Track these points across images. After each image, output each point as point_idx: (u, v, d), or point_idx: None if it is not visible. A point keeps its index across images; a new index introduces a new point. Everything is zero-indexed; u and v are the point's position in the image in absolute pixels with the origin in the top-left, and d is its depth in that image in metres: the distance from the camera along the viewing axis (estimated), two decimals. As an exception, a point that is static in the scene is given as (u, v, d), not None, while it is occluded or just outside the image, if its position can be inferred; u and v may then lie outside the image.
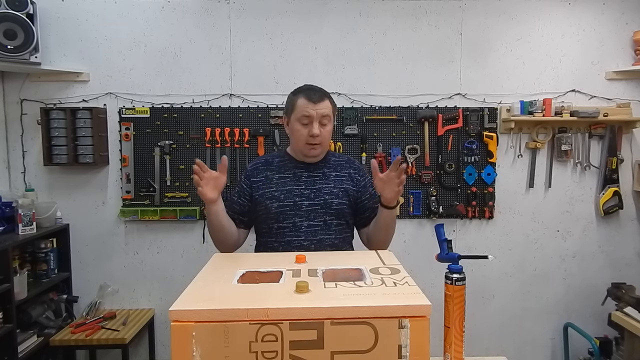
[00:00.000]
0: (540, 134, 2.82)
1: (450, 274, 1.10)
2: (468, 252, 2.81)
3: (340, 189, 1.56)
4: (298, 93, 1.55)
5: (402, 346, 0.83)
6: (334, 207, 1.53)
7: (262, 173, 1.59)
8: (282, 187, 1.55)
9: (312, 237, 1.51)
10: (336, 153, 1.70)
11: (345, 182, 1.58)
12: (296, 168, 1.58)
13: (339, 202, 1.54)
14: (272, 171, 1.59)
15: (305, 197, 1.53)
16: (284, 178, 1.57)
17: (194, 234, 2.79)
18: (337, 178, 1.58)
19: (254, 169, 1.62)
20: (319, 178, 1.57)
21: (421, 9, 2.76)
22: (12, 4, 2.37)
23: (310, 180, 1.56)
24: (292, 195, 1.53)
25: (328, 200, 1.53)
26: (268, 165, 1.61)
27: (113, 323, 2.57)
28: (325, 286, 0.94)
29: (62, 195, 2.73)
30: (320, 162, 1.60)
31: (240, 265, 1.13)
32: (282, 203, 1.52)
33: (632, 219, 2.90)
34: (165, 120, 2.72)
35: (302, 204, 1.52)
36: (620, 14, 2.80)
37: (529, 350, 2.92)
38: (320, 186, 1.55)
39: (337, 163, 1.63)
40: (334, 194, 1.55)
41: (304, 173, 1.57)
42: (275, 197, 1.53)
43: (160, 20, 2.70)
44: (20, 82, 2.67)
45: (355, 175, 1.61)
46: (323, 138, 1.52)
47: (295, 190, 1.54)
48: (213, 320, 0.81)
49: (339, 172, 1.60)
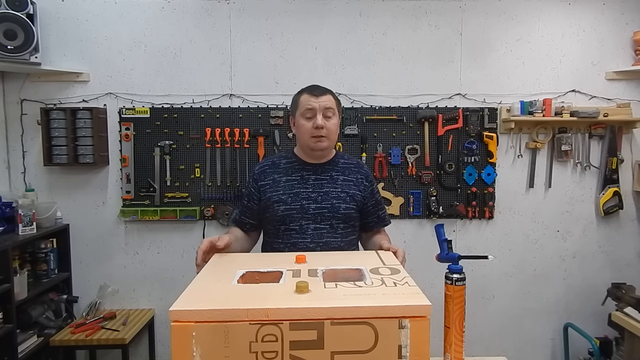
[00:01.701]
0: (540, 134, 2.82)
1: (450, 274, 1.10)
2: (468, 252, 2.81)
3: (348, 194, 1.55)
4: (301, 91, 1.56)
5: (402, 346, 0.83)
6: (342, 211, 1.53)
7: (270, 176, 1.58)
8: (289, 190, 1.54)
9: (318, 239, 1.51)
10: (345, 155, 1.68)
11: (353, 187, 1.57)
12: (304, 170, 1.57)
13: (346, 206, 1.53)
14: (280, 174, 1.57)
15: (313, 200, 1.52)
16: (291, 181, 1.55)
17: (194, 234, 2.79)
18: (345, 182, 1.57)
19: (261, 172, 1.60)
20: (327, 181, 1.56)
21: (421, 9, 2.76)
22: (12, 4, 2.37)
23: (318, 183, 1.55)
24: (299, 199, 1.52)
25: (335, 205, 1.52)
26: (275, 167, 1.59)
27: (113, 323, 2.57)
28: (325, 286, 0.94)
29: (62, 196, 2.73)
30: (328, 165, 1.59)
31: (240, 265, 1.13)
32: (289, 206, 1.52)
33: (632, 219, 2.90)
34: (165, 121, 2.72)
35: (309, 207, 1.51)
36: (620, 14, 2.80)
37: (529, 350, 2.92)
38: (327, 189, 1.54)
39: (346, 167, 1.61)
40: (341, 199, 1.53)
41: (311, 175, 1.56)
42: (282, 200, 1.52)
43: (160, 20, 2.70)
44: (21, 82, 2.67)
45: (362, 181, 1.60)
46: (328, 130, 1.51)
47: (303, 193, 1.53)
48: (213, 321, 0.81)
49: (346, 177, 1.58)
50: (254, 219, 1.60)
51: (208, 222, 2.78)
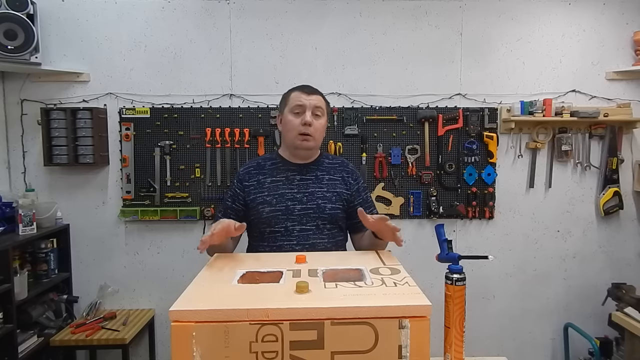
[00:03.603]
0: (540, 134, 2.82)
1: (450, 274, 1.10)
2: (468, 252, 2.82)
3: (334, 193, 1.54)
4: (291, 89, 1.58)
5: (402, 346, 0.83)
6: (327, 211, 1.51)
7: (254, 177, 1.56)
8: (274, 191, 1.52)
9: (304, 241, 1.49)
10: (330, 155, 1.68)
11: (339, 186, 1.56)
12: (288, 171, 1.56)
13: (332, 206, 1.52)
14: (264, 175, 1.56)
15: (298, 201, 1.51)
16: (276, 182, 1.54)
17: (194, 234, 2.79)
18: (331, 182, 1.56)
19: (245, 172, 1.59)
20: (312, 181, 1.55)
21: (421, 9, 2.76)
22: (12, 4, 2.37)
23: (303, 184, 1.54)
24: (284, 200, 1.51)
25: (321, 205, 1.51)
26: (260, 168, 1.58)
27: (113, 323, 2.57)
28: (326, 286, 0.94)
29: (62, 196, 2.73)
30: (313, 165, 1.58)
31: (240, 265, 1.13)
32: (274, 207, 1.50)
33: (632, 219, 2.90)
34: (165, 121, 2.72)
35: (294, 208, 1.50)
36: (620, 14, 2.79)
37: (529, 350, 2.92)
38: (313, 190, 1.53)
39: (331, 166, 1.60)
40: (327, 199, 1.52)
41: (296, 176, 1.55)
42: (267, 201, 1.51)
43: (160, 20, 2.70)
44: (21, 82, 2.67)
45: (348, 179, 1.59)
46: (315, 130, 1.50)
47: (288, 194, 1.52)
48: (213, 321, 0.81)
49: (332, 176, 1.58)
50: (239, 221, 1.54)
51: (208, 222, 2.78)
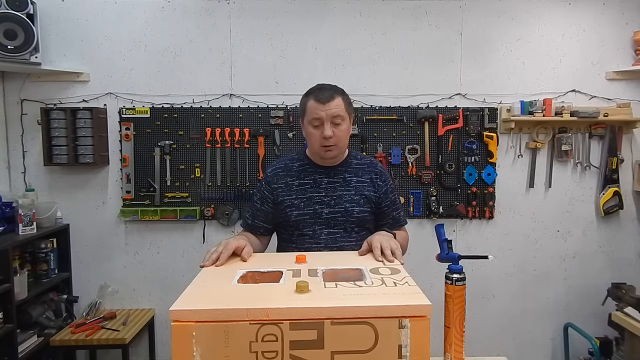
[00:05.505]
0: (540, 134, 2.82)
1: (450, 274, 1.10)
2: (468, 252, 2.82)
3: (362, 196, 1.52)
4: (308, 94, 1.49)
5: (402, 346, 0.83)
6: (355, 215, 1.50)
7: (282, 179, 1.54)
8: (301, 194, 1.51)
9: (332, 244, 1.49)
10: (359, 154, 1.64)
11: (367, 189, 1.54)
12: (316, 173, 1.54)
13: (360, 210, 1.51)
14: (292, 177, 1.54)
15: (326, 204, 1.50)
16: (303, 185, 1.52)
17: (194, 234, 2.79)
18: (359, 184, 1.54)
19: (273, 174, 1.56)
20: (340, 184, 1.53)
21: (421, 9, 2.76)
22: (12, 4, 2.37)
23: (331, 187, 1.52)
24: (312, 203, 1.50)
25: (349, 209, 1.50)
26: (288, 170, 1.56)
27: (113, 323, 2.57)
28: (326, 286, 0.94)
29: (62, 196, 2.73)
30: (341, 166, 1.56)
31: (240, 265, 1.13)
32: (302, 211, 1.49)
33: (632, 219, 2.90)
34: (165, 121, 2.72)
35: (322, 212, 1.49)
36: (620, 14, 2.79)
37: (529, 350, 2.92)
38: (340, 193, 1.51)
39: (359, 167, 1.57)
40: (355, 202, 1.51)
41: (324, 179, 1.53)
42: (295, 205, 1.50)
43: (160, 20, 2.70)
44: (21, 82, 2.67)
45: (377, 180, 1.56)
46: (337, 139, 1.46)
47: (316, 197, 1.50)
48: (213, 320, 0.81)
49: (360, 178, 1.55)
50: (269, 223, 1.56)
51: (208, 222, 2.78)
